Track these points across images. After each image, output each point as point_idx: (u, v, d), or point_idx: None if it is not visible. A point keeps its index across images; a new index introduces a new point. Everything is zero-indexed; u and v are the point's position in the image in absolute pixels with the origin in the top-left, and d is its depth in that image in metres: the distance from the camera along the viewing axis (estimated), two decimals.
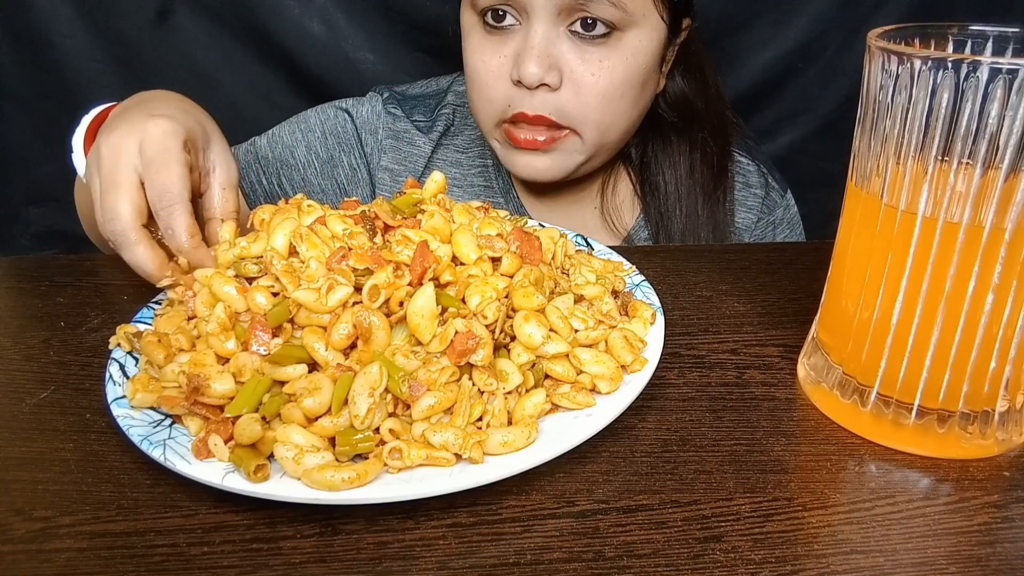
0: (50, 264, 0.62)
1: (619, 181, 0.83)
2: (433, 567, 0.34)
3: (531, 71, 0.66)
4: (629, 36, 0.68)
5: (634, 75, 0.70)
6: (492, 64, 0.70)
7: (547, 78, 0.67)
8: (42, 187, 1.03)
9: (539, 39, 0.66)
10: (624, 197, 0.83)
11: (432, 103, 0.86)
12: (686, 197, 0.79)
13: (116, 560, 0.34)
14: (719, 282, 0.59)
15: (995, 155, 0.35)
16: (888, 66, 0.37)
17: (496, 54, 0.70)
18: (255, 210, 0.50)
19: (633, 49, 0.68)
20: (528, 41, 0.67)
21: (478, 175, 0.84)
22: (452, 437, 0.37)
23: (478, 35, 0.71)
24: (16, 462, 0.40)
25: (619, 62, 0.68)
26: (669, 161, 0.80)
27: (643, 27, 0.68)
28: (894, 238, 0.39)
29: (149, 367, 0.43)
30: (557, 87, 0.68)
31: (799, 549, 0.35)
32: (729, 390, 0.46)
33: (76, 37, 0.95)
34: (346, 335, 0.40)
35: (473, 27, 0.71)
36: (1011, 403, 0.40)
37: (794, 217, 0.85)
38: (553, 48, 0.67)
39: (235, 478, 0.36)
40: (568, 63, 0.68)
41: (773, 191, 0.84)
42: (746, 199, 0.83)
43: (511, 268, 0.45)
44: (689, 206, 0.79)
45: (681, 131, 0.79)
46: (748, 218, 0.83)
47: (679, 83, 0.78)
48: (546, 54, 0.67)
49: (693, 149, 0.79)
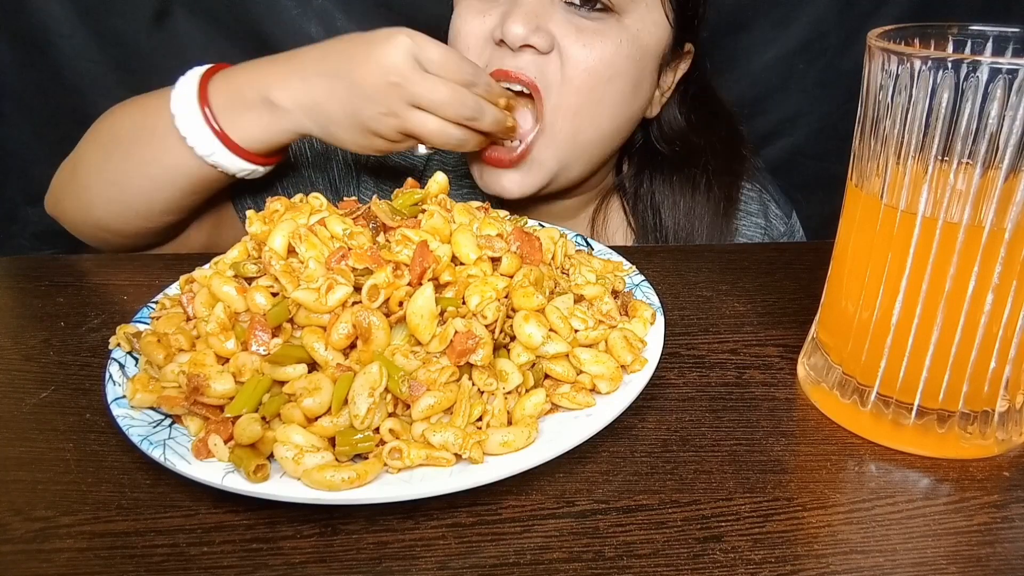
0: (50, 264, 0.62)
1: (611, 211, 0.80)
2: (433, 567, 0.34)
3: (515, 30, 0.62)
4: (629, 20, 0.65)
5: (627, 64, 0.65)
6: (475, 25, 0.66)
7: (533, 39, 0.62)
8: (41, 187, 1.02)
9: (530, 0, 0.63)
10: (616, 228, 0.80)
11: None
12: (685, 240, 0.75)
13: (116, 560, 0.34)
14: (719, 282, 0.59)
15: (995, 155, 0.35)
16: (888, 66, 0.37)
17: (481, 15, 0.66)
18: (268, 200, 0.49)
19: (631, 35, 0.65)
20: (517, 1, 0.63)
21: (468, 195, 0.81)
22: (452, 437, 0.37)
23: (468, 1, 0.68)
24: (16, 462, 0.40)
25: (613, 43, 0.64)
26: (668, 200, 0.75)
27: (644, 17, 0.65)
28: (894, 238, 0.39)
29: (149, 367, 0.43)
30: (546, 52, 0.63)
31: (799, 549, 0.35)
32: (729, 390, 0.46)
33: (74, 38, 0.95)
34: (346, 335, 0.40)
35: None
36: (1011, 403, 0.40)
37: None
38: (544, 12, 0.63)
39: (235, 478, 0.36)
40: (560, 29, 0.63)
41: (776, 218, 0.80)
42: (747, 228, 0.79)
43: (511, 268, 0.45)
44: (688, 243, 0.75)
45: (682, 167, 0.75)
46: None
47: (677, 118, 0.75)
48: (534, 14, 0.63)
49: (696, 190, 0.75)
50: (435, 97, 0.57)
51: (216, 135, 0.59)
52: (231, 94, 0.60)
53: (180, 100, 0.60)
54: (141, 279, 0.58)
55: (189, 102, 0.60)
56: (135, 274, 0.54)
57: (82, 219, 0.68)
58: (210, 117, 0.59)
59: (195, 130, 0.59)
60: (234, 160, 0.61)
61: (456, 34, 0.68)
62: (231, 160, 0.61)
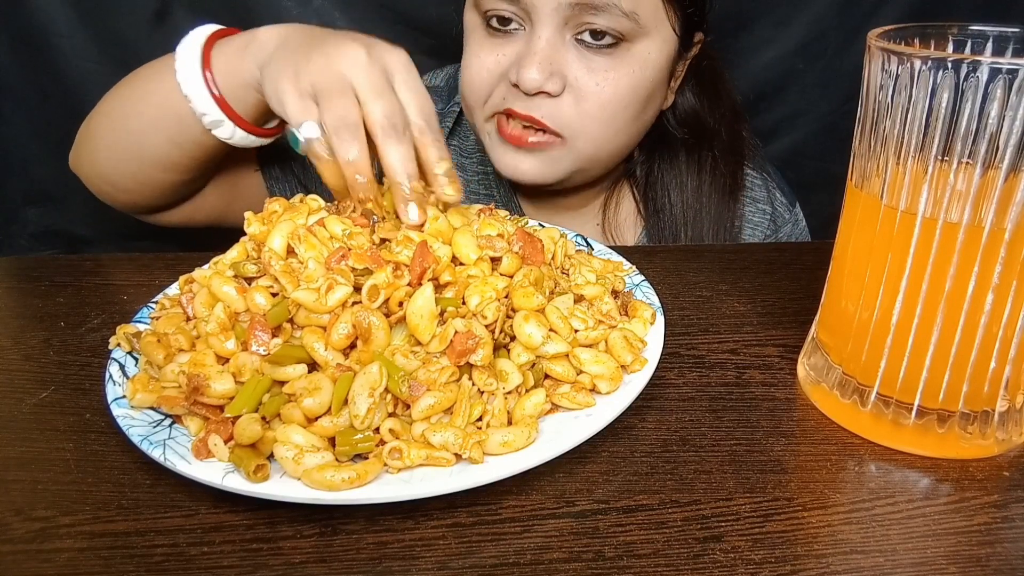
0: (50, 264, 0.62)
1: (622, 199, 0.81)
2: (433, 567, 0.34)
3: (531, 76, 0.63)
4: (638, 47, 0.66)
5: (640, 88, 0.67)
6: (488, 62, 0.67)
7: (547, 85, 0.64)
8: (40, 187, 1.02)
9: (543, 44, 0.64)
10: (627, 215, 0.81)
11: (445, 95, 0.83)
12: (692, 220, 0.76)
13: (116, 560, 0.34)
14: (719, 282, 0.59)
15: (995, 155, 0.35)
16: (888, 66, 0.37)
17: (495, 52, 0.67)
18: (267, 201, 0.49)
19: (641, 61, 0.66)
20: (531, 46, 0.64)
21: (479, 183, 0.82)
22: (452, 437, 0.37)
23: (480, 34, 0.69)
24: (16, 462, 0.40)
25: (625, 74, 0.66)
26: (676, 181, 0.77)
27: (653, 39, 0.66)
28: (894, 238, 0.39)
29: (149, 367, 0.43)
30: (558, 94, 0.65)
31: (799, 549, 0.35)
32: (729, 390, 0.46)
33: (74, 37, 0.95)
34: (346, 335, 0.40)
35: (476, 27, 0.69)
36: (1011, 403, 0.40)
37: (802, 232, 0.83)
38: (557, 55, 0.65)
39: (235, 478, 0.36)
40: (572, 71, 0.65)
41: (781, 206, 0.81)
42: (753, 215, 0.80)
43: (511, 268, 0.45)
44: (695, 228, 0.76)
45: (690, 149, 0.76)
46: (755, 235, 0.80)
47: (689, 99, 0.76)
48: (548, 60, 0.64)
49: (702, 170, 0.76)
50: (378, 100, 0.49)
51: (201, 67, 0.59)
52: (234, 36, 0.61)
53: (193, 33, 0.61)
54: (141, 279, 0.58)
55: (200, 32, 0.61)
56: (135, 274, 0.54)
57: (93, 172, 0.69)
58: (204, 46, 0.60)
59: (185, 55, 0.59)
60: (206, 98, 0.59)
61: (467, 68, 0.70)
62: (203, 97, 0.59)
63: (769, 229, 0.81)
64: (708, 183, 0.76)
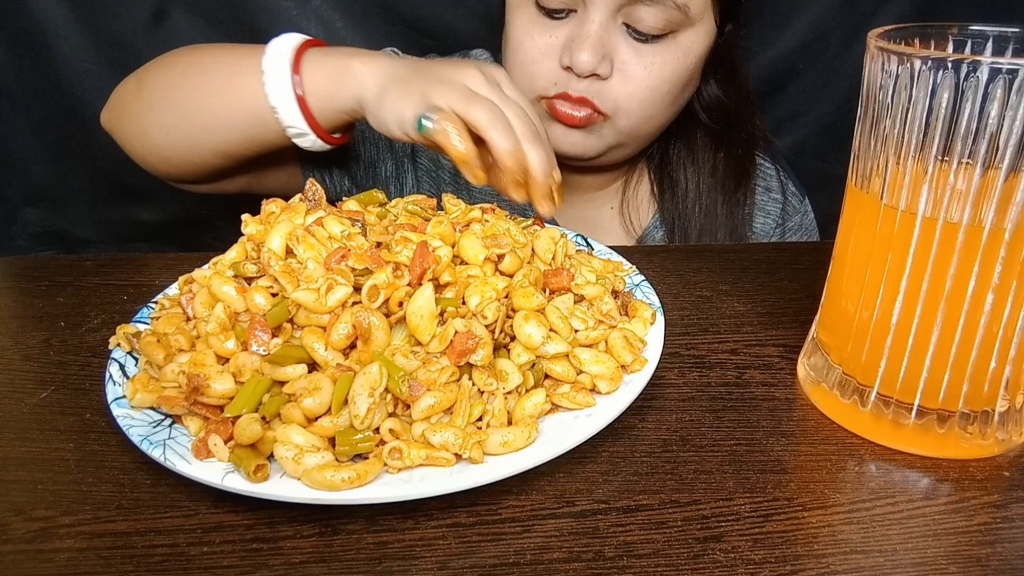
0: (50, 264, 0.62)
1: (641, 181, 0.83)
2: (433, 567, 0.34)
3: (584, 59, 0.66)
4: (683, 36, 0.68)
5: (682, 74, 0.70)
6: (540, 42, 0.69)
7: (599, 68, 0.67)
8: (39, 188, 1.02)
9: (595, 28, 0.66)
10: (643, 196, 0.83)
11: None
12: (706, 195, 0.79)
13: (116, 560, 0.34)
14: (719, 282, 0.59)
15: (995, 155, 0.35)
16: (888, 66, 0.37)
17: (546, 34, 0.69)
18: (264, 203, 0.49)
19: (685, 49, 0.69)
20: (584, 29, 0.66)
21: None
22: (452, 437, 0.37)
23: (528, 13, 0.70)
24: (16, 462, 0.40)
25: (671, 60, 0.68)
26: (692, 158, 0.79)
27: (697, 29, 0.69)
28: (894, 238, 0.39)
29: (149, 367, 0.43)
30: (607, 77, 0.68)
31: (799, 549, 0.35)
32: (729, 390, 0.46)
33: (71, 38, 0.95)
34: (345, 335, 0.40)
35: (522, 6, 0.70)
36: (1011, 403, 0.40)
37: (811, 224, 0.84)
38: (609, 38, 0.67)
39: (235, 478, 0.36)
40: (621, 54, 0.67)
41: (792, 196, 0.83)
42: (766, 203, 0.82)
43: (512, 267, 0.45)
44: (708, 205, 0.79)
45: (708, 131, 0.79)
46: (767, 223, 0.82)
47: (713, 87, 0.78)
48: (601, 43, 0.66)
49: (718, 148, 0.79)
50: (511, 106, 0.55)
51: (291, 82, 0.60)
52: (321, 55, 0.62)
53: (277, 44, 0.61)
54: (141, 279, 0.58)
55: (284, 45, 0.61)
56: (135, 274, 0.54)
57: (139, 140, 0.69)
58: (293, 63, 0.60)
59: (274, 68, 0.60)
60: (295, 113, 0.61)
61: (519, 47, 0.70)
62: (293, 111, 0.61)
63: (780, 218, 0.82)
64: (723, 163, 0.79)
